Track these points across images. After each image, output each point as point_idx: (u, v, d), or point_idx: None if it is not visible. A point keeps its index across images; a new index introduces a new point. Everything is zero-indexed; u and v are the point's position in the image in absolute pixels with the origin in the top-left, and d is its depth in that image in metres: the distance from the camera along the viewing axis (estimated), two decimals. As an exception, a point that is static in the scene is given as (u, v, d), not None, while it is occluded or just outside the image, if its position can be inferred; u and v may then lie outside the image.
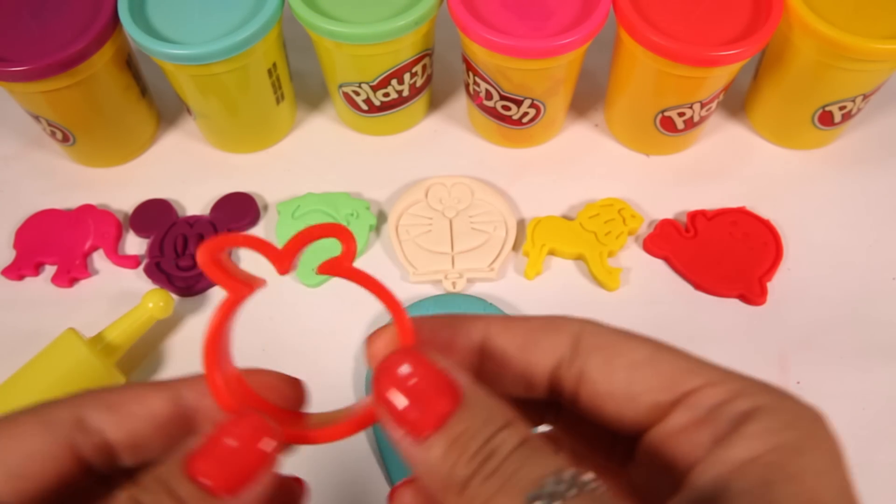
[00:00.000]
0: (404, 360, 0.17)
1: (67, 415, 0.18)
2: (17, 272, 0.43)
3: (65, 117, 0.43)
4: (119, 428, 0.19)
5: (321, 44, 0.42)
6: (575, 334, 0.19)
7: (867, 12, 0.40)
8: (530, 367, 0.19)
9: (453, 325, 0.20)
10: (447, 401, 0.16)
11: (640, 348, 0.18)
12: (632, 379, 0.18)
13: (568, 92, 0.45)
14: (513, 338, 0.19)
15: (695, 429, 0.17)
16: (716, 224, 0.44)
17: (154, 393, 0.19)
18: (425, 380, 0.17)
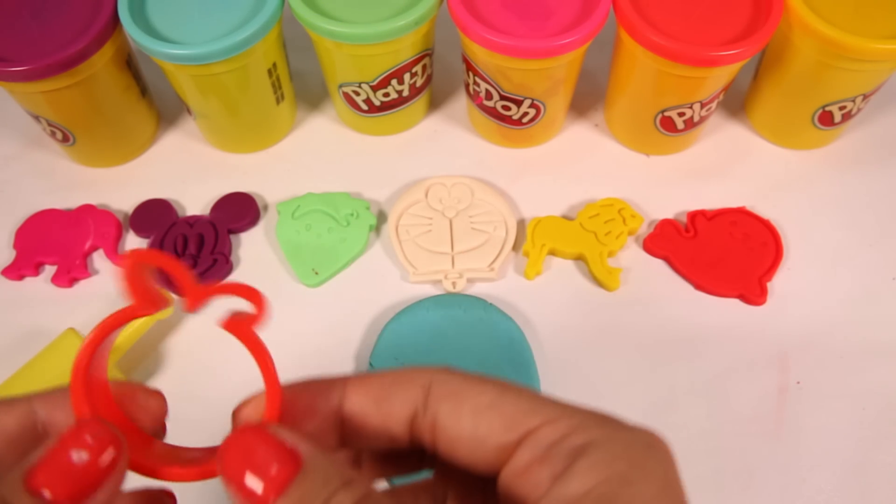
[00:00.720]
0: (247, 435, 0.18)
1: None
2: (17, 272, 0.43)
3: (65, 117, 0.43)
4: None
5: (321, 44, 0.42)
6: (425, 384, 0.20)
7: (867, 12, 0.40)
8: (387, 421, 0.20)
9: (311, 390, 0.20)
10: (287, 468, 0.17)
11: (485, 392, 0.19)
12: (477, 422, 0.19)
13: (568, 92, 0.45)
14: (367, 394, 0.20)
15: (536, 467, 0.17)
16: (716, 224, 0.44)
17: (4, 409, 0.19)
18: (266, 451, 0.17)
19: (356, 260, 0.44)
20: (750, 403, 0.39)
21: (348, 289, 0.43)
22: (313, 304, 0.43)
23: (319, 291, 0.43)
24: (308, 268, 0.43)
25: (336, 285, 0.43)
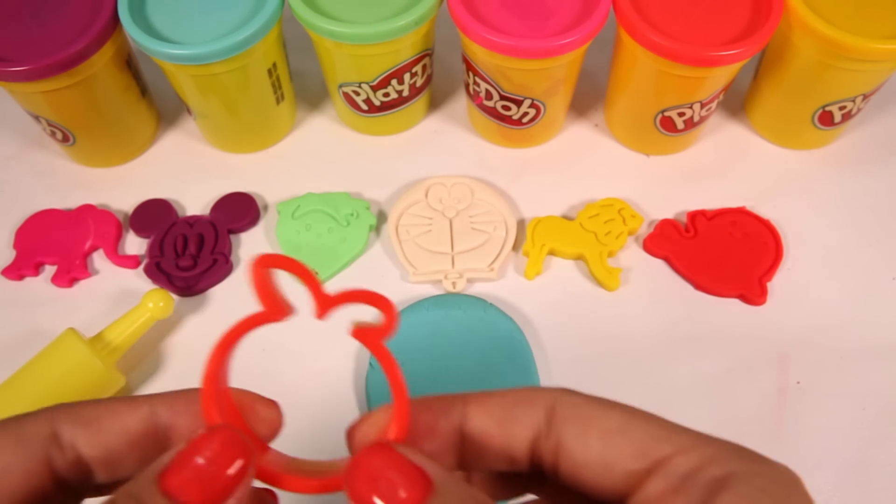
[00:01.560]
0: (376, 455, 0.17)
1: (42, 429, 0.18)
2: (17, 272, 0.43)
3: (65, 117, 0.43)
4: (93, 444, 0.19)
5: (321, 44, 0.42)
6: (549, 405, 0.19)
7: (867, 12, 0.40)
8: (510, 443, 0.20)
9: (432, 409, 0.20)
10: (418, 492, 0.17)
11: (612, 416, 0.19)
12: (606, 448, 0.18)
13: (568, 92, 0.45)
14: (490, 415, 0.20)
15: (670, 497, 0.17)
16: (716, 224, 0.44)
17: (128, 409, 0.19)
18: (396, 473, 0.17)
19: (356, 260, 0.44)
20: (750, 403, 0.39)
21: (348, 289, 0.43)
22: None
23: (319, 291, 0.43)
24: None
25: (336, 285, 0.43)
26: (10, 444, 0.18)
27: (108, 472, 0.19)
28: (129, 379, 0.40)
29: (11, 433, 0.18)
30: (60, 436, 0.18)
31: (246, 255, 0.45)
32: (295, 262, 0.19)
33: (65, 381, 0.36)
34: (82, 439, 0.18)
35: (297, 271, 0.19)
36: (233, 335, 0.19)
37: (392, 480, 0.17)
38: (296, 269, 0.19)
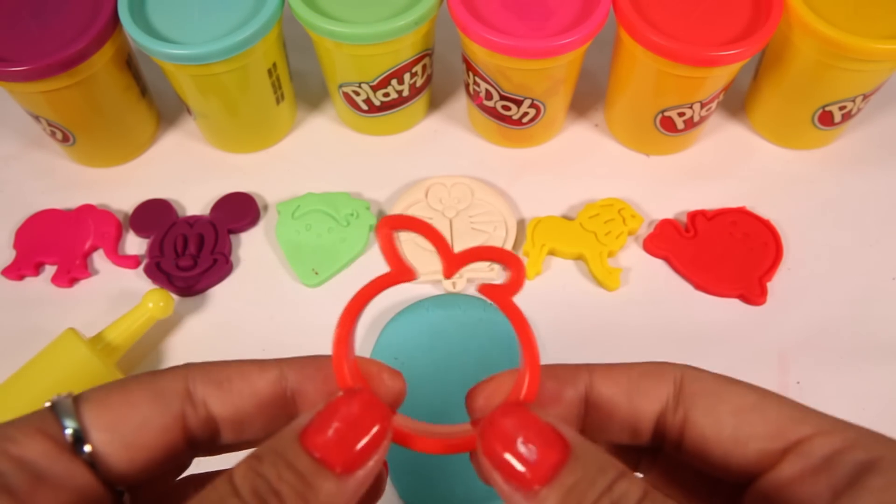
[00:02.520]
0: (511, 415, 0.17)
1: (178, 386, 0.19)
2: (17, 272, 0.43)
3: (65, 117, 0.43)
4: (224, 404, 0.19)
5: (321, 44, 0.42)
6: (677, 380, 0.19)
7: (867, 12, 0.40)
8: (636, 415, 0.19)
9: (558, 376, 0.20)
10: (556, 453, 0.16)
11: (745, 394, 0.19)
12: (739, 425, 0.18)
13: (568, 92, 0.45)
14: (617, 386, 0.20)
15: (810, 478, 0.17)
16: (716, 224, 0.44)
17: (258, 371, 0.20)
18: (533, 434, 0.17)
19: (356, 260, 0.44)
20: (750, 403, 0.39)
21: (348, 289, 0.43)
22: (313, 304, 0.43)
23: (319, 291, 0.43)
24: (308, 268, 0.43)
25: (336, 285, 0.43)
26: (148, 398, 0.18)
27: (234, 432, 0.19)
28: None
29: (149, 388, 0.19)
30: (194, 394, 0.19)
31: (246, 255, 0.45)
32: (420, 222, 0.19)
33: (65, 381, 0.36)
34: (214, 398, 0.19)
35: (423, 231, 0.19)
36: (361, 299, 0.19)
37: (529, 440, 0.17)
38: (421, 228, 0.19)
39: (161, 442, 0.18)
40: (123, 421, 0.18)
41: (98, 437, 0.18)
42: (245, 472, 0.16)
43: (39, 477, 0.17)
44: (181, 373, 0.19)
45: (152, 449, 0.18)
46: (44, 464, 0.17)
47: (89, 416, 0.18)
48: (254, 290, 0.43)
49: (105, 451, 0.18)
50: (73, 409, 0.18)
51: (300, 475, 0.16)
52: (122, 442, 0.18)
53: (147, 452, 0.18)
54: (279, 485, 0.16)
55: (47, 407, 0.18)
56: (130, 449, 0.18)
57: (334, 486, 0.16)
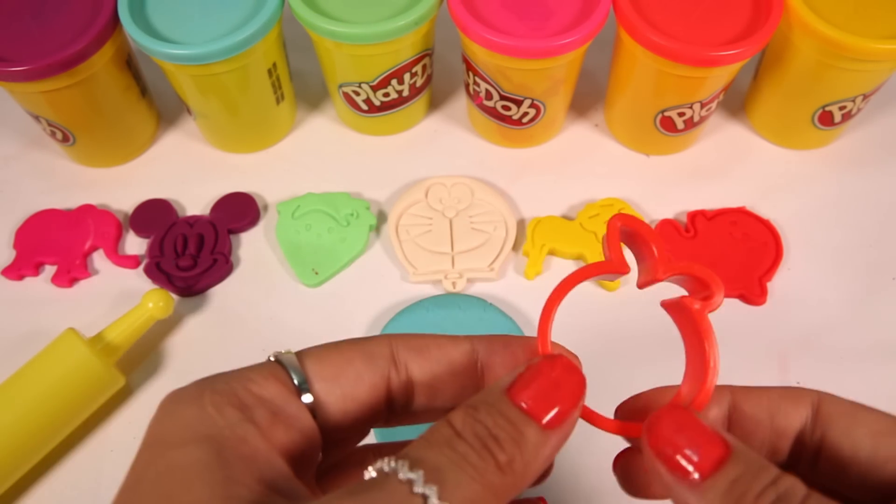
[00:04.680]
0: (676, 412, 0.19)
1: (384, 350, 0.21)
2: (17, 272, 0.43)
3: (65, 117, 0.43)
4: (423, 369, 0.21)
5: (321, 44, 0.42)
6: (815, 403, 0.20)
7: (867, 12, 0.40)
8: (777, 433, 0.20)
9: None
10: (719, 449, 0.18)
11: (882, 419, 0.19)
12: (877, 446, 0.19)
13: (568, 92, 0.45)
14: (760, 405, 0.21)
15: None
16: (716, 224, 0.44)
17: (452, 343, 0.21)
18: (696, 432, 0.18)
19: (356, 260, 0.44)
20: (750, 403, 0.39)
21: (348, 289, 0.43)
22: (313, 304, 0.43)
23: (319, 291, 0.43)
24: (308, 268, 0.43)
25: (336, 285, 0.43)
26: (361, 357, 0.20)
27: (427, 397, 0.21)
28: (129, 379, 0.40)
29: (360, 349, 0.21)
30: (397, 358, 0.21)
31: (246, 255, 0.45)
32: (645, 226, 0.21)
33: (65, 381, 0.36)
34: (414, 363, 0.21)
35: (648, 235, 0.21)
36: (575, 277, 0.21)
37: (693, 437, 0.18)
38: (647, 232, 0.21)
39: (369, 398, 0.20)
40: (341, 374, 0.20)
41: (320, 386, 0.20)
42: (464, 418, 0.18)
43: (276, 414, 0.18)
44: (386, 339, 0.21)
45: (362, 404, 0.20)
46: (278, 403, 0.19)
47: (312, 368, 0.20)
48: (254, 290, 0.43)
49: (325, 399, 0.20)
50: (297, 362, 0.20)
51: (512, 422, 0.18)
52: (340, 393, 0.20)
53: (358, 406, 0.20)
54: (496, 430, 0.17)
55: (272, 360, 0.20)
56: (346, 400, 0.20)
57: (540, 436, 0.18)
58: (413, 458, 0.17)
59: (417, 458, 0.17)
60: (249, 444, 0.17)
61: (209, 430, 0.17)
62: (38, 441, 0.36)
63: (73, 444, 0.38)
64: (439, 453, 0.17)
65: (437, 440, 0.17)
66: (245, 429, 0.18)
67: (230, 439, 0.17)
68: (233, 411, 0.18)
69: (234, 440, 0.17)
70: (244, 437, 0.17)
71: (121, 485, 0.17)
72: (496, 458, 0.17)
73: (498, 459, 0.17)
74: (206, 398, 0.18)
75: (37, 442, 0.36)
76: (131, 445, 0.43)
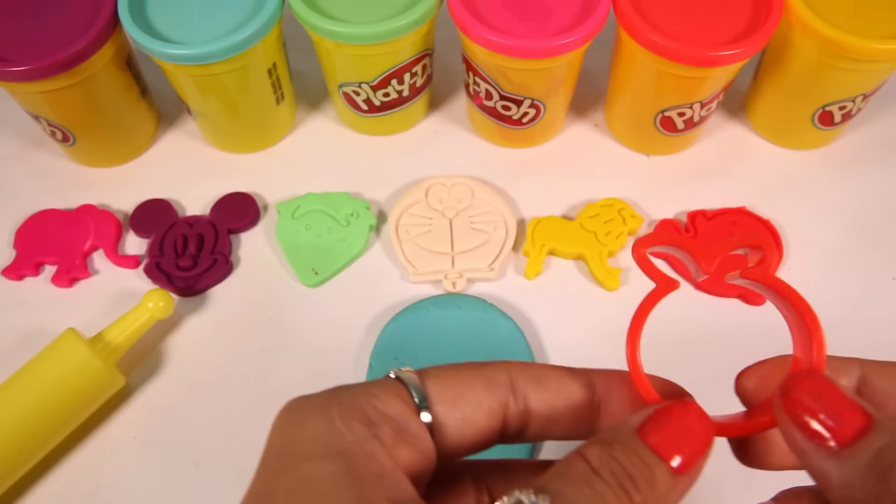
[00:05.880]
0: (812, 379, 0.18)
1: (505, 377, 0.20)
2: (17, 272, 0.43)
3: (65, 117, 0.43)
4: (542, 400, 0.20)
5: (321, 44, 0.42)
6: None
7: (867, 12, 0.40)
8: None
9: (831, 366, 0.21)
10: (860, 417, 0.17)
11: None
12: None
13: (568, 92, 0.45)
14: (891, 379, 0.20)
15: None
16: (716, 224, 0.44)
17: (571, 376, 0.21)
18: (834, 399, 0.18)
19: (356, 260, 0.44)
20: (750, 403, 0.39)
21: (348, 289, 0.43)
22: (313, 304, 0.43)
23: (319, 291, 0.43)
24: (308, 268, 0.43)
25: (336, 285, 0.43)
26: (481, 382, 0.20)
27: (542, 429, 0.21)
28: (129, 379, 0.40)
29: (480, 374, 0.20)
30: (517, 386, 0.20)
31: (246, 255, 0.45)
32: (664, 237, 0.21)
33: (65, 381, 0.36)
34: (533, 393, 0.20)
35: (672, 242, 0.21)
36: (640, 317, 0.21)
37: (831, 403, 0.17)
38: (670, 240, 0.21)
39: (486, 424, 0.20)
40: (461, 398, 0.20)
41: (440, 408, 0.19)
42: (600, 454, 0.17)
43: (400, 433, 0.18)
44: (505, 366, 0.21)
45: (479, 429, 0.20)
46: (402, 422, 0.18)
47: (433, 389, 0.19)
48: (254, 290, 0.43)
49: (444, 422, 0.19)
50: (419, 382, 0.19)
51: (646, 463, 0.17)
52: (460, 416, 0.19)
53: (474, 431, 0.20)
54: (631, 469, 0.17)
55: (393, 378, 0.20)
56: (464, 424, 0.19)
57: (671, 480, 0.17)
58: (552, 492, 0.16)
59: (557, 493, 0.16)
60: (378, 462, 0.17)
61: (340, 444, 0.17)
62: (38, 441, 0.36)
63: (73, 444, 0.38)
64: (577, 490, 0.17)
65: (575, 476, 0.17)
66: (373, 446, 0.17)
67: (360, 455, 0.17)
68: (360, 427, 0.18)
69: (363, 457, 0.17)
70: (372, 455, 0.17)
71: (247, 491, 0.17)
72: (632, 499, 0.17)
73: (633, 500, 0.17)
74: (335, 411, 0.18)
75: (37, 442, 0.36)
76: (131, 445, 0.44)
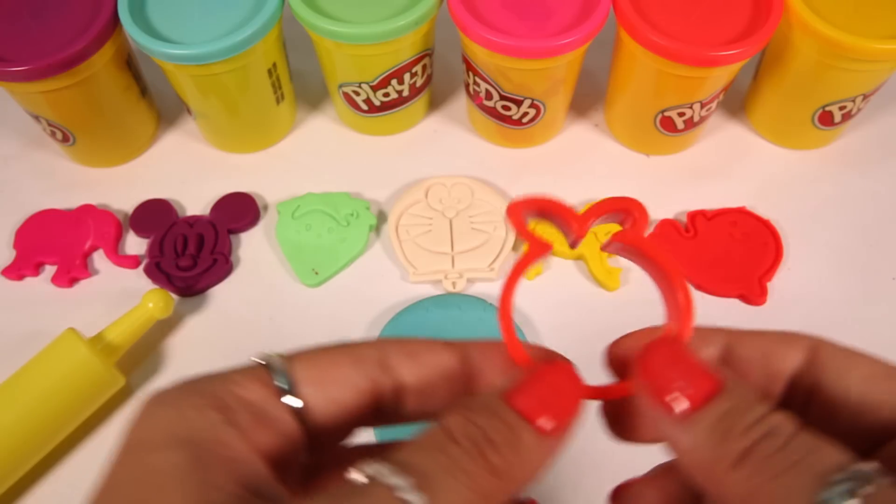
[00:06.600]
0: (667, 346, 0.18)
1: (374, 354, 0.20)
2: (17, 272, 0.43)
3: (65, 117, 0.43)
4: (414, 374, 0.20)
5: (321, 44, 0.42)
6: (811, 347, 0.20)
7: (867, 12, 0.40)
8: (770, 376, 0.20)
9: (697, 335, 0.21)
10: (710, 383, 0.17)
11: (877, 364, 0.19)
12: (870, 390, 0.19)
13: (568, 92, 0.45)
14: (754, 348, 0.20)
15: None
16: (716, 224, 0.44)
17: (445, 348, 0.21)
18: (687, 365, 0.18)
19: (356, 260, 0.44)
20: (750, 403, 0.39)
21: (348, 289, 0.43)
22: (313, 304, 0.43)
23: (319, 291, 0.43)
24: (308, 268, 0.43)
25: (336, 285, 0.43)
26: (349, 360, 0.20)
27: (418, 402, 0.21)
28: (129, 379, 0.40)
29: (349, 352, 0.20)
30: (387, 363, 0.20)
31: (246, 255, 0.45)
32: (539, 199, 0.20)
33: (65, 381, 0.36)
34: (405, 368, 0.20)
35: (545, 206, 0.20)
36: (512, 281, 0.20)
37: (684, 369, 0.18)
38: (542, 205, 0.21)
39: (357, 402, 0.20)
40: (328, 378, 0.20)
41: (306, 390, 0.19)
42: (459, 420, 0.17)
43: (259, 417, 0.18)
44: (376, 344, 0.21)
45: (348, 408, 0.20)
46: (262, 406, 0.18)
47: (299, 371, 0.19)
48: (254, 290, 0.43)
49: (310, 402, 0.19)
50: (284, 365, 0.19)
51: (509, 426, 0.17)
52: (326, 396, 0.19)
53: (343, 410, 0.20)
54: (492, 433, 0.17)
55: (259, 363, 0.20)
56: (331, 404, 0.19)
57: (537, 441, 0.17)
58: (402, 462, 0.16)
59: (406, 463, 0.16)
60: (229, 447, 0.17)
61: (188, 432, 0.17)
62: (38, 441, 0.36)
63: (73, 444, 0.38)
64: (430, 458, 0.16)
65: (429, 444, 0.17)
66: (225, 431, 0.17)
67: (209, 442, 0.17)
68: (214, 413, 0.18)
69: (213, 443, 0.17)
70: (224, 440, 0.17)
71: (95, 488, 0.17)
72: (490, 461, 0.17)
73: (492, 462, 0.17)
74: (187, 400, 0.18)
75: (37, 442, 0.36)
76: (131, 445, 0.43)
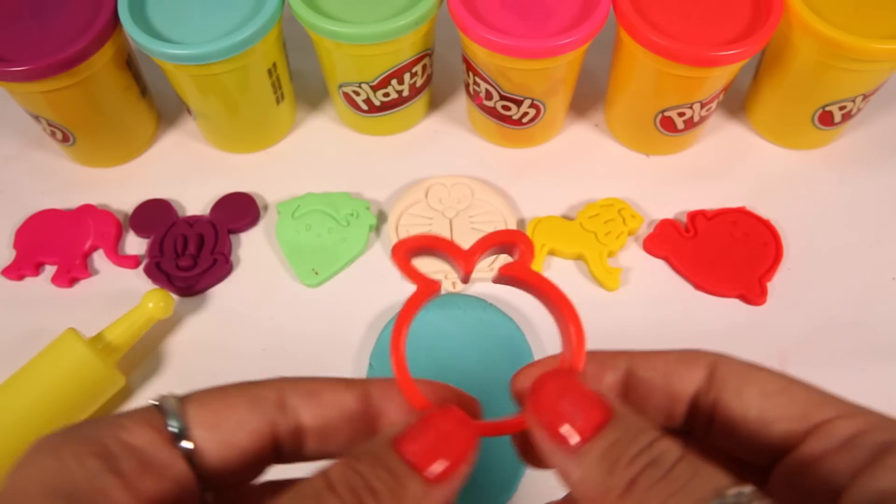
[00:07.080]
0: (558, 378, 0.18)
1: (272, 395, 0.20)
2: (17, 272, 0.43)
3: (65, 117, 0.43)
4: (314, 415, 0.20)
5: (321, 44, 0.42)
6: (711, 365, 0.20)
7: (867, 12, 0.40)
8: (671, 397, 0.20)
9: (598, 361, 0.21)
10: (599, 413, 0.17)
11: (773, 380, 0.19)
12: (765, 407, 0.19)
13: (568, 92, 0.45)
14: (654, 370, 0.20)
15: (832, 457, 0.18)
16: (716, 224, 0.44)
17: (346, 388, 0.21)
18: (577, 397, 0.18)
19: (356, 260, 0.44)
20: (750, 403, 0.39)
21: (348, 289, 0.43)
22: (313, 304, 0.43)
23: (319, 291, 0.43)
24: (308, 268, 0.43)
25: (336, 285, 0.43)
26: (245, 402, 0.19)
27: (319, 443, 0.20)
28: (129, 379, 0.40)
29: (245, 393, 0.20)
30: (286, 403, 0.20)
31: (246, 255, 0.45)
32: (425, 238, 0.20)
33: (65, 381, 0.36)
34: (305, 409, 0.20)
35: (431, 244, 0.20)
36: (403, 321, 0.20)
37: (574, 401, 0.18)
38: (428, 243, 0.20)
39: (253, 445, 0.19)
40: (222, 420, 0.19)
41: (199, 433, 0.19)
42: (341, 468, 0.17)
43: (146, 464, 0.18)
44: (275, 384, 0.20)
45: (244, 451, 0.19)
46: (150, 452, 0.18)
47: (192, 414, 0.19)
48: (254, 290, 0.43)
49: (203, 446, 0.19)
50: (178, 407, 0.19)
51: (394, 475, 0.17)
52: (219, 440, 0.19)
53: (239, 453, 0.19)
54: (375, 482, 0.17)
55: (153, 404, 0.19)
56: (225, 448, 0.19)
57: (422, 490, 0.17)
58: None
59: None
60: (109, 497, 0.17)
61: (65, 483, 0.16)
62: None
63: (73, 444, 0.38)
64: None
65: (307, 493, 0.16)
66: (105, 480, 0.17)
67: (87, 492, 0.16)
68: (95, 461, 0.17)
69: (92, 493, 0.16)
70: (104, 490, 0.17)
71: None
72: None
73: None
74: (68, 448, 0.17)
75: (37, 442, 0.36)
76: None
